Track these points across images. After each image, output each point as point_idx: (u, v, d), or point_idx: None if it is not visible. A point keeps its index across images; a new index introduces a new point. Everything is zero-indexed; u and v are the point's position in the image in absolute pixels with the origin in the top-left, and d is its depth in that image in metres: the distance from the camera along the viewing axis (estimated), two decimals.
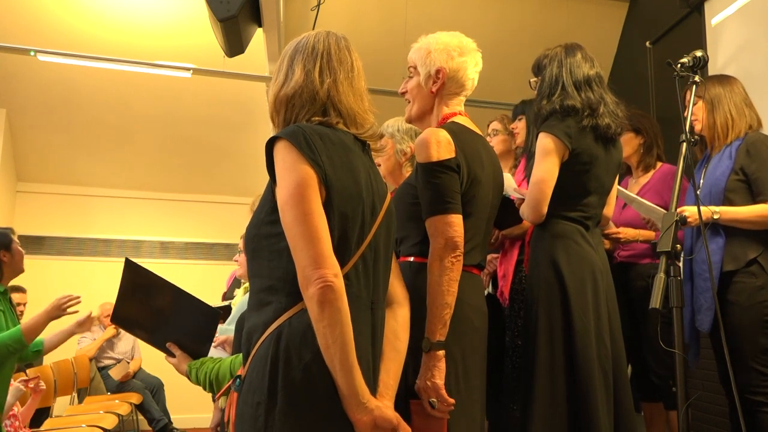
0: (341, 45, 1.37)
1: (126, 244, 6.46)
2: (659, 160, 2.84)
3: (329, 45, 1.35)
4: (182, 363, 1.87)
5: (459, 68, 1.73)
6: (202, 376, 1.81)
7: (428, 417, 1.47)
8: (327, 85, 1.31)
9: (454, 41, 1.75)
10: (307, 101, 1.30)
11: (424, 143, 1.61)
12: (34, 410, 3.36)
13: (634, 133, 2.80)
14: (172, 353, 1.90)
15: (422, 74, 1.76)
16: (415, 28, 1.89)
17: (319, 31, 1.39)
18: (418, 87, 1.78)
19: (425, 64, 1.75)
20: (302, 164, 1.18)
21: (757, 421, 2.03)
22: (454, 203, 1.58)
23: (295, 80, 1.32)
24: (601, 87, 2.03)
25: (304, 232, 1.14)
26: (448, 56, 1.73)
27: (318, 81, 1.30)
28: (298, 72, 1.32)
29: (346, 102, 1.32)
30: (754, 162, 2.12)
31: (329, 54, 1.34)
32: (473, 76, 1.77)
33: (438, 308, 1.51)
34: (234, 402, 1.33)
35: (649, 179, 2.80)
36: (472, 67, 1.76)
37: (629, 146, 2.78)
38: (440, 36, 1.77)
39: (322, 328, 1.12)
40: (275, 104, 1.35)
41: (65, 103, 5.52)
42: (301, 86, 1.31)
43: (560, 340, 1.85)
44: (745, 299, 2.06)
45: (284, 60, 1.38)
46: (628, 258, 2.73)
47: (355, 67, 1.37)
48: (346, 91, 1.33)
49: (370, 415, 1.15)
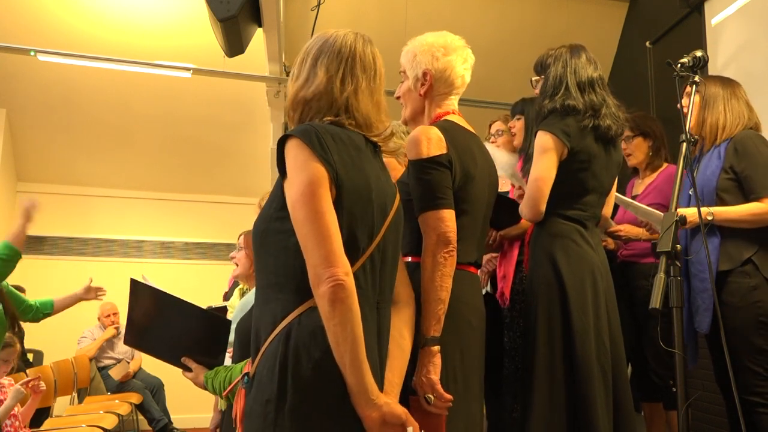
0: (367, 51, 1.36)
1: (128, 244, 6.46)
2: (665, 161, 2.85)
3: (355, 50, 1.34)
4: (199, 375, 1.88)
5: (446, 68, 1.73)
6: (217, 386, 1.82)
7: (426, 413, 1.47)
8: (347, 94, 1.31)
9: (439, 41, 1.74)
10: (324, 106, 1.31)
11: (415, 140, 1.62)
12: (34, 410, 3.36)
13: (643, 138, 2.81)
14: (188, 368, 1.90)
15: (411, 78, 1.76)
16: (415, 28, 1.89)
17: (347, 33, 1.38)
18: (408, 90, 1.78)
19: (412, 67, 1.75)
20: (314, 163, 1.18)
21: (754, 421, 2.02)
22: (445, 199, 1.58)
23: (317, 84, 1.31)
24: (603, 89, 2.04)
25: (315, 231, 1.15)
26: (432, 57, 1.72)
27: (339, 89, 1.30)
28: (320, 75, 1.32)
29: (363, 110, 1.32)
30: (742, 160, 2.12)
31: (354, 59, 1.33)
32: (462, 72, 1.76)
33: (432, 304, 1.51)
34: (242, 398, 1.33)
35: (654, 179, 2.81)
36: (460, 64, 1.74)
37: (640, 151, 2.80)
38: (426, 37, 1.76)
39: (333, 326, 1.13)
40: (293, 104, 1.35)
41: (65, 103, 5.52)
42: (321, 92, 1.31)
43: (559, 340, 1.85)
44: (738, 299, 2.06)
45: (308, 57, 1.36)
46: (629, 257, 2.73)
47: (378, 75, 1.37)
48: (365, 100, 1.33)
49: (379, 411, 1.15)
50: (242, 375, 1.29)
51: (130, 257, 6.41)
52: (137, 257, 6.45)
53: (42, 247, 6.17)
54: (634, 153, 2.84)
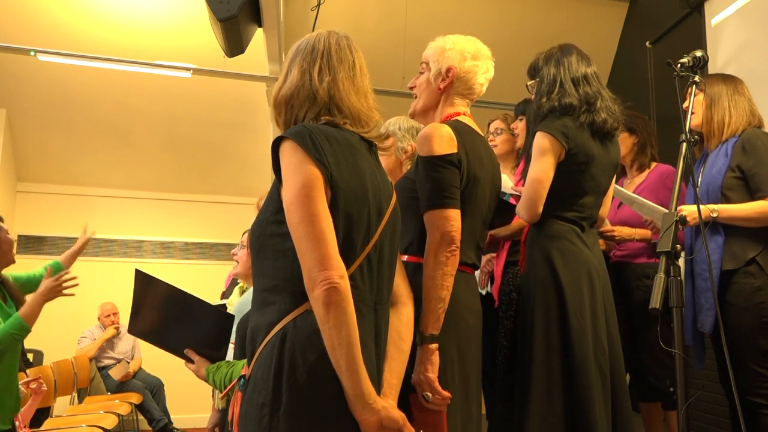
0: (342, 44, 1.36)
1: (128, 244, 6.47)
2: (653, 160, 2.84)
3: (329, 44, 1.34)
4: (201, 368, 1.90)
5: (470, 71, 1.76)
6: (218, 381, 1.83)
7: (426, 410, 1.48)
8: (326, 84, 1.30)
9: (470, 45, 1.78)
10: (306, 100, 1.30)
11: (427, 137, 1.62)
12: (34, 410, 3.36)
13: (628, 133, 2.80)
14: (190, 359, 1.92)
15: (433, 71, 1.78)
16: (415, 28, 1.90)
17: (321, 32, 1.39)
18: (427, 82, 1.79)
19: (437, 61, 1.77)
20: (308, 165, 1.18)
21: (757, 422, 2.02)
22: (452, 198, 1.58)
23: (291, 80, 1.32)
24: (598, 83, 2.04)
25: (310, 234, 1.14)
26: (461, 57, 1.75)
27: (317, 80, 1.30)
28: (295, 72, 1.32)
29: (348, 100, 1.31)
30: (750, 158, 2.11)
31: (329, 53, 1.33)
32: (482, 81, 1.79)
33: (432, 302, 1.51)
34: (238, 401, 1.33)
35: (644, 179, 2.80)
36: (482, 73, 1.78)
37: (624, 146, 2.78)
38: (458, 38, 1.79)
39: (328, 329, 1.12)
40: (275, 106, 1.35)
41: (65, 103, 5.52)
42: (297, 86, 1.31)
43: (557, 340, 1.85)
44: (743, 300, 2.05)
45: (286, 63, 1.38)
46: (622, 258, 2.72)
47: (357, 65, 1.36)
48: (347, 89, 1.32)
49: (376, 415, 1.15)
50: (239, 377, 1.29)
51: (130, 257, 6.42)
52: (137, 257, 6.45)
53: (42, 247, 6.17)
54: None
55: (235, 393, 1.49)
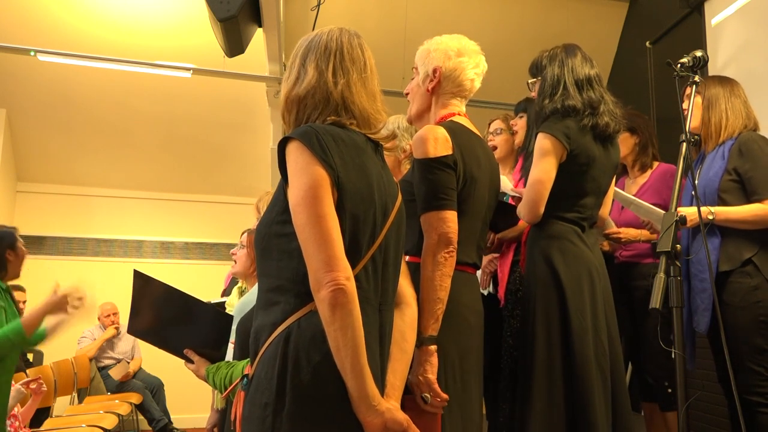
0: (354, 43, 1.35)
1: (128, 244, 6.47)
2: (655, 160, 2.84)
3: (342, 43, 1.33)
4: (201, 368, 1.90)
5: (456, 68, 1.74)
6: (218, 381, 1.83)
7: (422, 412, 1.46)
8: (341, 86, 1.29)
9: (454, 43, 1.77)
10: (321, 102, 1.29)
11: (422, 139, 1.62)
12: (34, 410, 3.36)
13: (630, 133, 2.80)
14: (190, 359, 1.92)
15: (421, 74, 1.79)
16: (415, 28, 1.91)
17: (332, 29, 1.37)
18: (417, 86, 1.80)
19: (424, 63, 1.78)
20: (315, 165, 1.17)
21: (755, 421, 2.02)
22: (449, 200, 1.58)
23: (308, 80, 1.30)
24: (600, 86, 2.04)
25: (317, 235, 1.13)
26: (445, 56, 1.75)
27: (332, 82, 1.29)
28: (311, 72, 1.31)
29: (359, 103, 1.31)
30: (747, 162, 2.11)
31: (342, 53, 1.32)
32: (472, 76, 1.77)
33: (430, 303, 1.51)
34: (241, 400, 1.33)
35: (647, 179, 2.80)
36: (471, 68, 1.76)
37: (625, 146, 2.78)
38: (442, 38, 1.79)
39: (333, 331, 1.11)
40: (287, 104, 1.33)
41: (65, 103, 5.52)
42: (314, 87, 1.29)
43: (557, 340, 1.85)
44: (739, 300, 2.05)
45: (296, 58, 1.36)
46: (630, 258, 2.72)
47: (368, 66, 1.35)
48: (359, 91, 1.31)
49: (380, 417, 1.14)
50: (242, 377, 1.29)
51: (130, 257, 6.42)
52: (137, 257, 6.45)
53: (42, 247, 6.17)
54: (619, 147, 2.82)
55: (237, 392, 1.48)
